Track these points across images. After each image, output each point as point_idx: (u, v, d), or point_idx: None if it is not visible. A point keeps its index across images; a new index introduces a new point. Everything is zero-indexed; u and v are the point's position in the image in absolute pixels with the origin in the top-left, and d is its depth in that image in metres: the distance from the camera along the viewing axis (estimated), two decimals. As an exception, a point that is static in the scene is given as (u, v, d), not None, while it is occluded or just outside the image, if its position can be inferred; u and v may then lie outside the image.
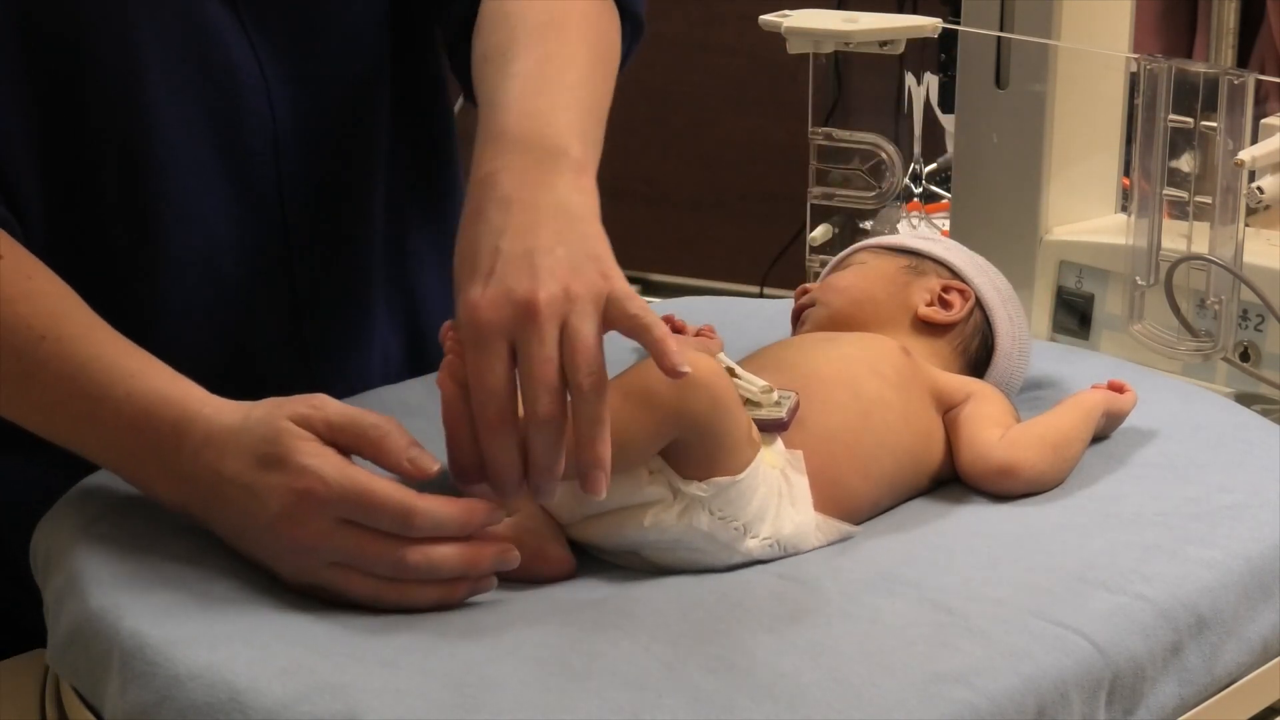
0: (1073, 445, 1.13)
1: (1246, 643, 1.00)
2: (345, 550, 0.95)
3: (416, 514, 0.95)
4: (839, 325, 1.22)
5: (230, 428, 0.99)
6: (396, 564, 0.95)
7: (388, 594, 0.96)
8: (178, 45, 1.16)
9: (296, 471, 0.96)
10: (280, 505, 0.96)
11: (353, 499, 0.95)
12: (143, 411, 1.02)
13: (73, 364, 1.03)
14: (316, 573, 0.97)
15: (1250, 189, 1.35)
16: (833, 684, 0.88)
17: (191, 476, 1.00)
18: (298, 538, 0.96)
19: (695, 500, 0.99)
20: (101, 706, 0.96)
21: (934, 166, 2.04)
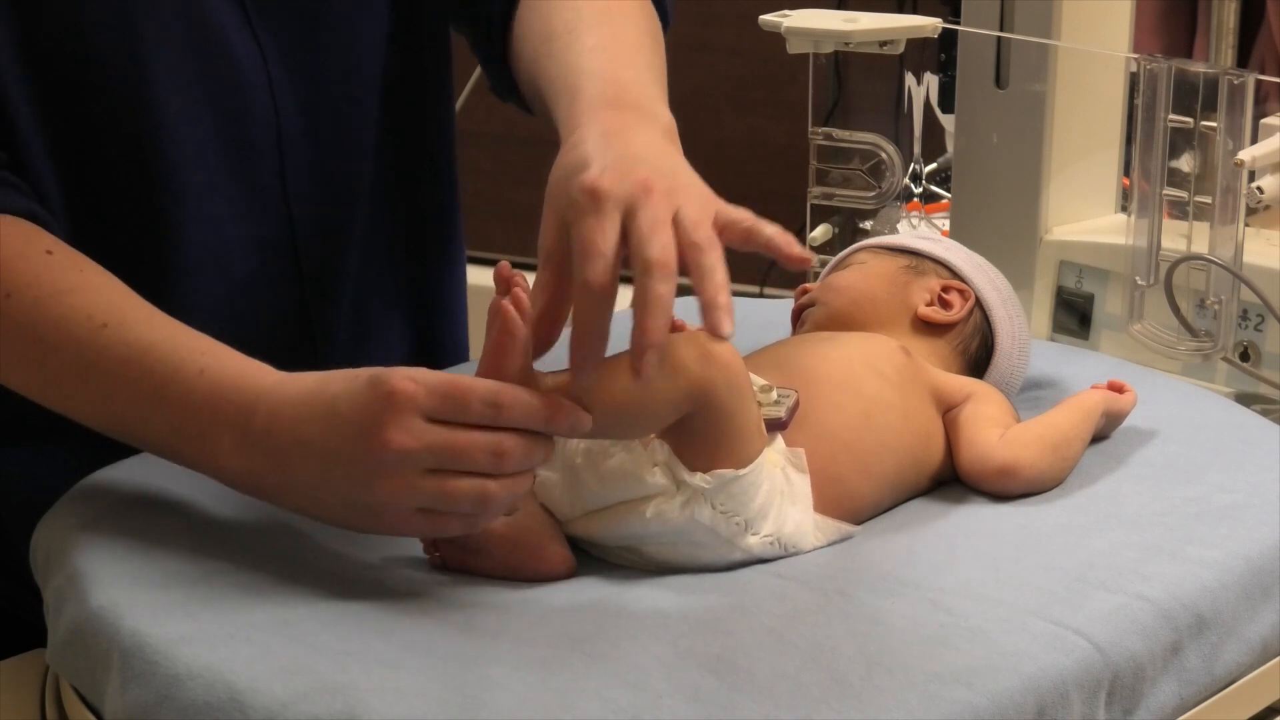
0: (1072, 445, 1.13)
1: (1246, 643, 1.00)
2: (440, 449, 0.93)
3: (506, 396, 0.94)
4: (839, 325, 1.22)
5: (309, 388, 0.98)
6: (494, 450, 0.93)
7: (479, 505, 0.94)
8: (181, 41, 1.17)
9: (382, 386, 0.94)
10: (367, 416, 0.94)
11: (443, 389, 0.94)
12: (217, 385, 1.01)
13: (138, 347, 1.03)
14: (403, 519, 0.95)
15: (1250, 189, 1.35)
16: (833, 684, 0.88)
17: (265, 441, 0.98)
18: (385, 458, 0.94)
19: (698, 492, 0.99)
20: (101, 706, 0.96)
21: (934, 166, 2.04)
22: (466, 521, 0.96)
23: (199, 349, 1.03)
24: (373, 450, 0.94)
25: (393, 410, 0.94)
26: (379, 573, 1.01)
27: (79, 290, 1.06)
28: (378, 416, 0.94)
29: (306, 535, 1.05)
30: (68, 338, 1.04)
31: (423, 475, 0.94)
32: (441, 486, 0.94)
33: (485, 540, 1.01)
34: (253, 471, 1.00)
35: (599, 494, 1.01)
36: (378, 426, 0.94)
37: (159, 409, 1.02)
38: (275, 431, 0.98)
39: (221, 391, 1.01)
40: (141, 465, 1.13)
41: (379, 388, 0.95)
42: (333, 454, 0.96)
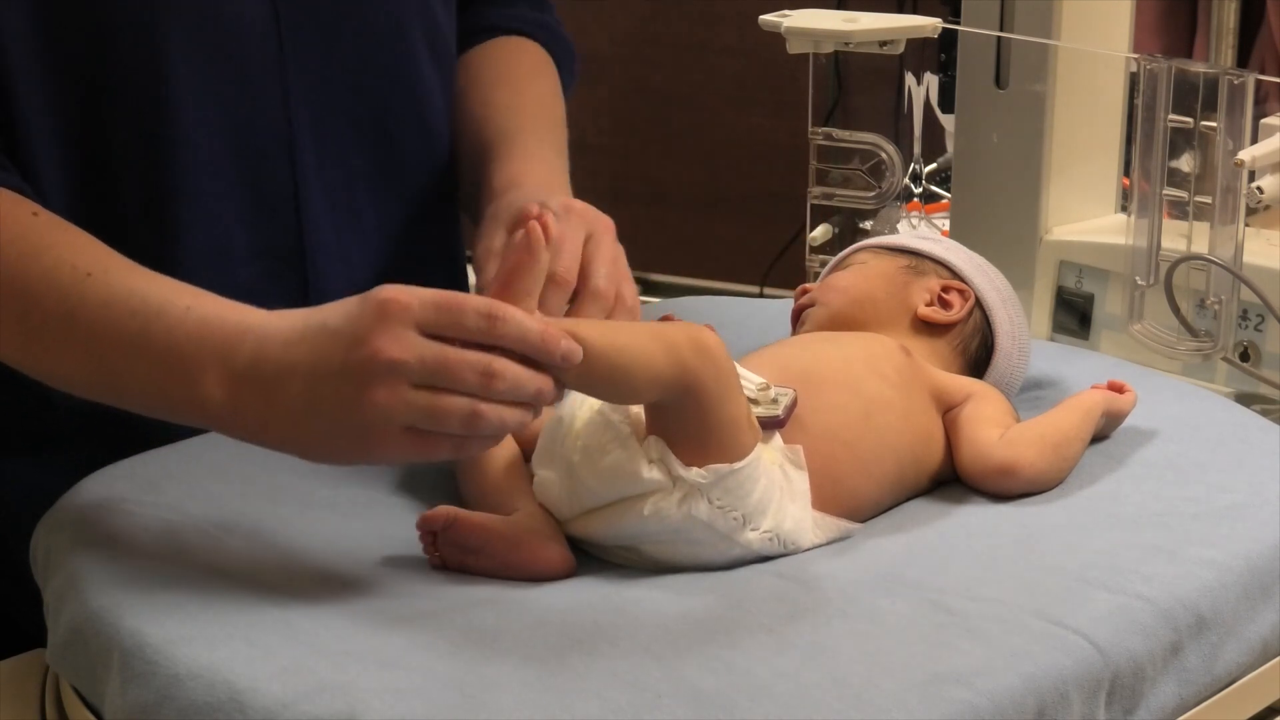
0: (1072, 445, 1.13)
1: (1246, 643, 1.00)
2: (431, 362, 0.92)
3: (500, 309, 0.94)
4: (839, 325, 1.22)
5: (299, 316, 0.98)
6: (485, 370, 0.93)
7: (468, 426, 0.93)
8: (203, 45, 1.17)
9: (375, 297, 0.94)
10: (359, 326, 0.93)
11: (437, 300, 0.94)
12: (203, 320, 1.00)
13: (123, 290, 1.02)
14: (390, 438, 0.94)
15: (1250, 189, 1.35)
16: (833, 684, 0.88)
17: (252, 371, 0.97)
18: (375, 368, 0.92)
19: (694, 488, 0.99)
20: (101, 706, 0.96)
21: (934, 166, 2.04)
22: (454, 445, 0.94)
23: (185, 291, 1.02)
24: (363, 360, 0.93)
25: (385, 320, 0.93)
26: (379, 573, 1.01)
27: (63, 245, 1.05)
28: (369, 326, 0.93)
29: (307, 536, 1.05)
30: (51, 288, 1.03)
31: (413, 389, 0.93)
32: (431, 401, 0.93)
33: (485, 540, 1.01)
34: (238, 405, 0.98)
35: (597, 492, 1.01)
36: (369, 335, 0.93)
37: (143, 348, 1.00)
38: (262, 360, 0.97)
39: (208, 326, 0.99)
40: (142, 465, 1.13)
41: (371, 299, 0.94)
42: (321, 373, 0.95)
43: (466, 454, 0.96)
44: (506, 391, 0.93)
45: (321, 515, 1.08)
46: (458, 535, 1.01)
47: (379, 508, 1.10)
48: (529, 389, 0.94)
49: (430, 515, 1.01)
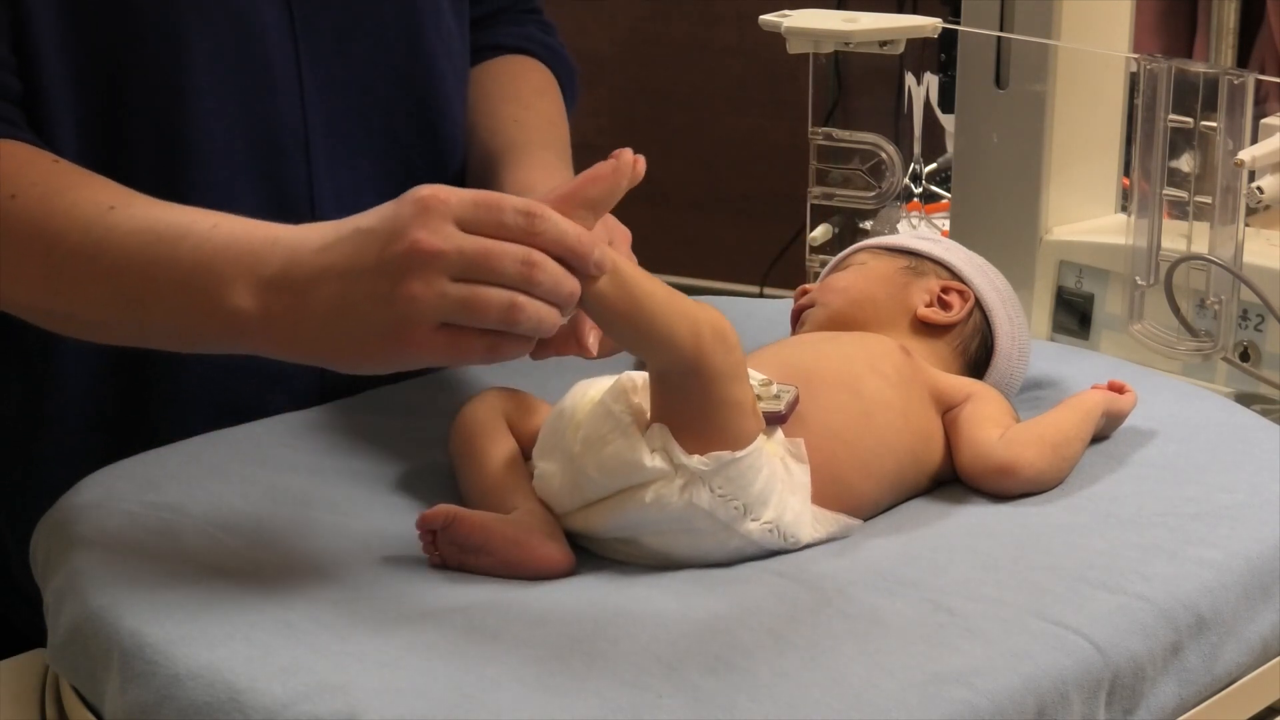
0: (1072, 445, 1.13)
1: (1246, 643, 1.00)
2: (471, 253, 0.91)
3: (539, 208, 0.93)
4: (838, 326, 1.22)
5: (333, 224, 0.97)
6: (526, 260, 0.92)
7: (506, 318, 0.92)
8: (222, 34, 1.18)
9: (412, 195, 0.94)
10: (397, 223, 0.92)
11: (475, 198, 0.93)
12: (231, 235, 0.99)
13: (149, 217, 1.02)
14: (425, 335, 0.93)
15: (1250, 189, 1.35)
16: (833, 684, 0.88)
17: (283, 277, 0.96)
18: (413, 260, 0.91)
19: (696, 476, 0.99)
20: (101, 706, 0.96)
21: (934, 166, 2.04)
22: (488, 344, 0.93)
23: (210, 214, 1.02)
24: (401, 253, 0.92)
25: (424, 214, 0.92)
26: (379, 573, 1.01)
27: (84, 185, 1.05)
28: (408, 221, 0.92)
29: (307, 536, 1.05)
30: (74, 223, 1.02)
31: (451, 282, 0.92)
32: (470, 292, 0.92)
33: (485, 538, 1.01)
34: (268, 313, 0.97)
35: (599, 482, 1.01)
36: (407, 229, 0.92)
37: (170, 268, 0.99)
38: (294, 266, 0.96)
39: (235, 240, 0.99)
40: (141, 465, 1.13)
41: (408, 197, 0.93)
42: (357, 270, 0.94)
43: (498, 357, 0.94)
44: (546, 284, 0.92)
45: (321, 515, 1.08)
46: (457, 534, 1.01)
47: (379, 507, 1.10)
48: (565, 288, 0.93)
49: (430, 514, 1.01)
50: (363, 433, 1.20)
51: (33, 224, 1.03)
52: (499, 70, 1.40)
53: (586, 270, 0.94)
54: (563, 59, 1.45)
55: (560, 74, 1.44)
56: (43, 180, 1.05)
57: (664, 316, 0.97)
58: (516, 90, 1.38)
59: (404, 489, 1.13)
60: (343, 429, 1.20)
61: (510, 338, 0.93)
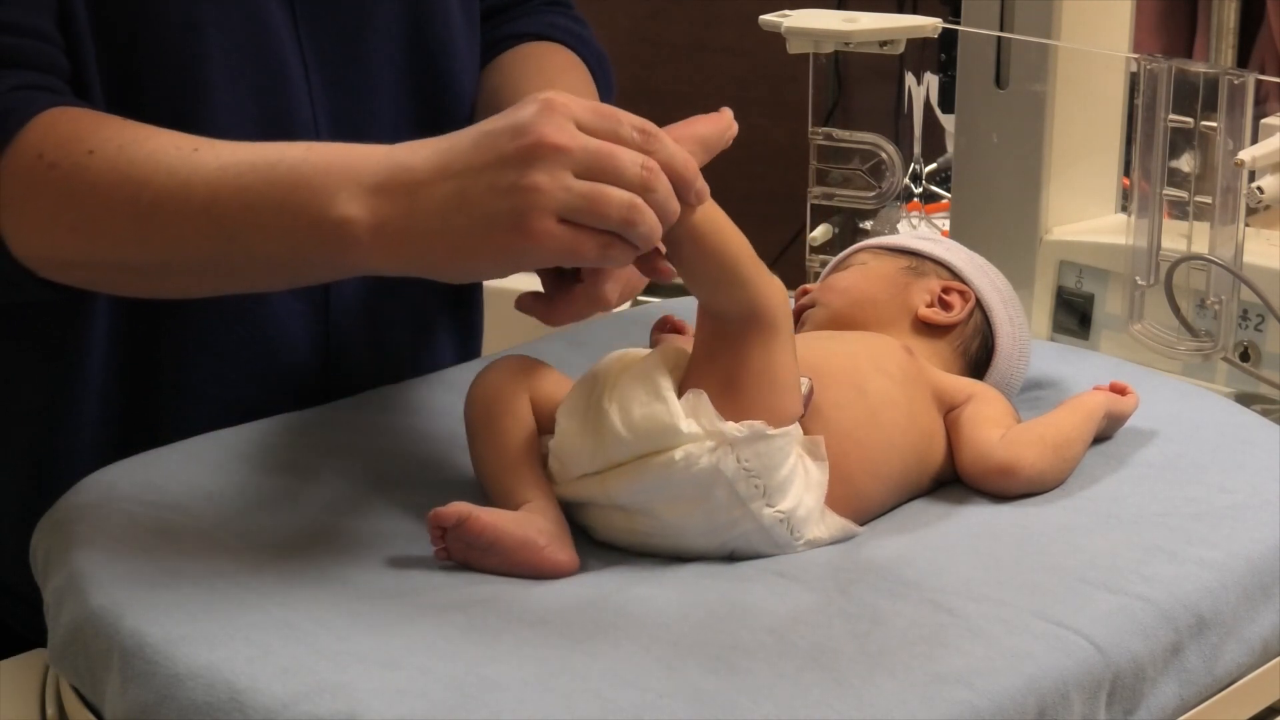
0: (1073, 446, 1.13)
1: (1246, 643, 1.00)
2: (594, 151, 0.93)
3: (653, 128, 0.96)
4: (839, 325, 1.22)
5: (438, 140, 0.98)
6: (646, 164, 0.94)
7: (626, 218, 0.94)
8: (236, 30, 1.18)
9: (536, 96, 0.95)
10: (524, 118, 0.94)
11: (595, 106, 0.95)
12: (326, 155, 0.99)
13: (237, 153, 1.01)
14: (544, 226, 0.93)
15: (1250, 189, 1.35)
16: (833, 684, 0.88)
17: (393, 180, 0.96)
18: (540, 153, 0.93)
19: (727, 442, 0.99)
20: (101, 706, 0.96)
21: (934, 166, 2.04)
22: (602, 245, 0.94)
23: (299, 144, 1.02)
24: (528, 146, 0.93)
25: (549, 112, 0.94)
26: (379, 573, 1.01)
27: (162, 134, 1.05)
28: (534, 117, 0.94)
29: (307, 535, 1.05)
30: (159, 167, 1.02)
31: (574, 178, 0.94)
32: (593, 188, 0.93)
33: (494, 539, 1.00)
34: (376, 217, 0.96)
35: (629, 443, 1.01)
36: (534, 124, 0.94)
37: (265, 192, 0.99)
38: (403, 169, 0.96)
39: (332, 158, 0.99)
40: (142, 465, 1.13)
41: (533, 99, 0.95)
42: (478, 166, 0.94)
43: (609, 259, 0.95)
44: (661, 193, 0.95)
45: (322, 515, 1.08)
46: (468, 533, 1.00)
47: (379, 508, 1.10)
48: (672, 204, 0.96)
49: (443, 512, 1.01)
50: (363, 433, 1.20)
51: (116, 174, 1.02)
52: (522, 54, 1.38)
53: (688, 197, 0.97)
54: (592, 47, 1.43)
55: (590, 62, 1.42)
56: (117, 134, 1.05)
57: (747, 260, 1.01)
58: (540, 67, 1.36)
59: (404, 489, 1.13)
60: (343, 429, 1.20)
61: (621, 243, 0.95)
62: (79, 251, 1.05)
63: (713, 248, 1.00)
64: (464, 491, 1.10)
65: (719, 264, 1.01)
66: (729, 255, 1.00)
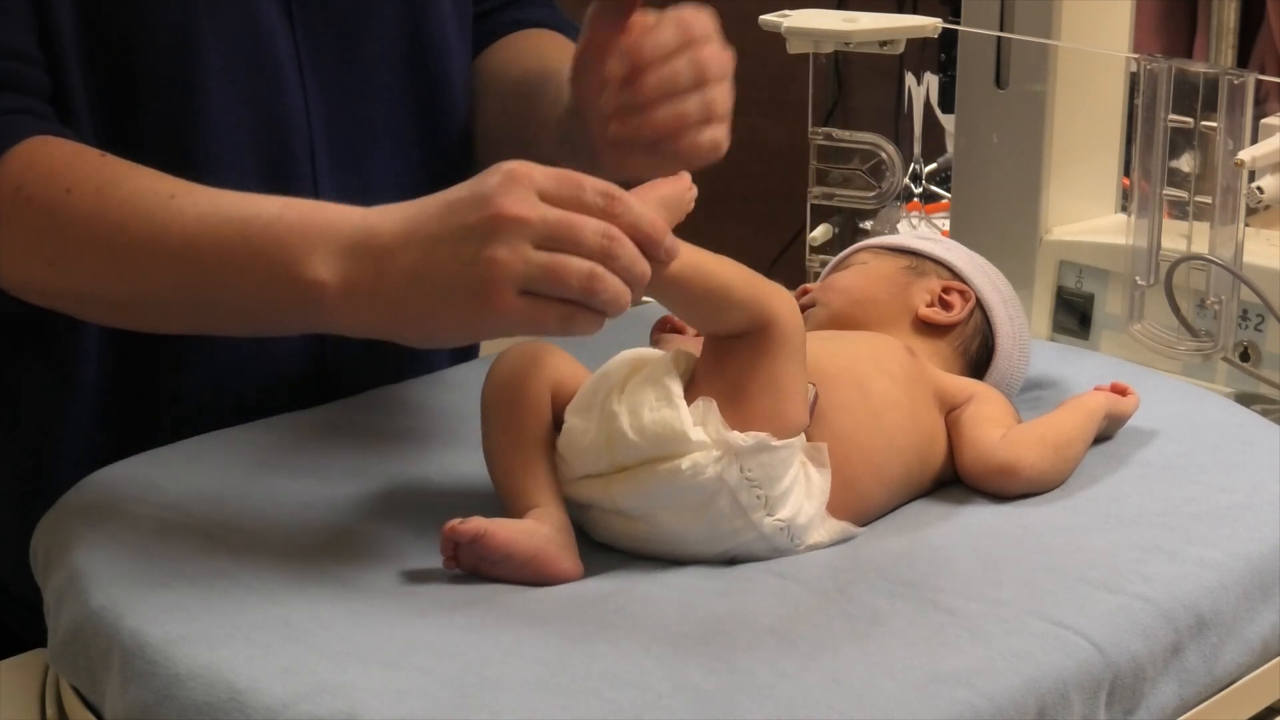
0: (1074, 446, 1.13)
1: (1246, 643, 1.00)
2: (554, 222, 0.93)
3: (617, 192, 0.96)
4: (840, 325, 1.22)
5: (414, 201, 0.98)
6: (607, 233, 0.94)
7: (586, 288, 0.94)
8: (230, 34, 1.18)
9: (498, 167, 0.95)
10: (484, 189, 0.94)
11: (558, 173, 0.95)
12: (301, 215, 1.00)
13: (214, 203, 1.03)
14: (505, 299, 0.94)
15: (1250, 189, 1.35)
16: (833, 684, 0.88)
17: (363, 245, 0.97)
18: (499, 225, 0.93)
19: (733, 451, 0.99)
20: (101, 706, 0.96)
21: (934, 166, 2.04)
22: (564, 315, 0.95)
23: (276, 198, 1.03)
24: (487, 219, 0.94)
25: (510, 183, 0.94)
26: (379, 572, 1.01)
27: (141, 175, 1.06)
28: (494, 189, 0.94)
29: (307, 535, 1.05)
30: (136, 211, 1.03)
31: (534, 249, 0.94)
32: (553, 259, 0.94)
33: (507, 554, 1.00)
34: (346, 281, 0.97)
35: (638, 447, 1.00)
36: (494, 197, 0.94)
37: (242, 248, 1.00)
38: (374, 235, 0.97)
39: (308, 217, 1.00)
40: (142, 465, 1.13)
41: (494, 169, 0.96)
42: (441, 236, 0.95)
43: (572, 329, 0.96)
44: (624, 259, 0.95)
45: (322, 515, 1.08)
46: (482, 549, 1.00)
47: (379, 508, 1.10)
48: (639, 267, 0.95)
49: (460, 528, 0.99)
50: (363, 433, 1.20)
51: (95, 215, 1.04)
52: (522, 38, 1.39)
53: (658, 256, 0.96)
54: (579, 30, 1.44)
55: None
56: (96, 173, 1.06)
57: (739, 285, 1.01)
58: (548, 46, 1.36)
59: (404, 489, 1.13)
60: (343, 429, 1.20)
61: (585, 311, 0.95)
62: (56, 283, 1.07)
63: (699, 288, 1.00)
64: (464, 491, 1.10)
65: (709, 300, 1.01)
66: (718, 288, 1.01)
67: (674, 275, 0.98)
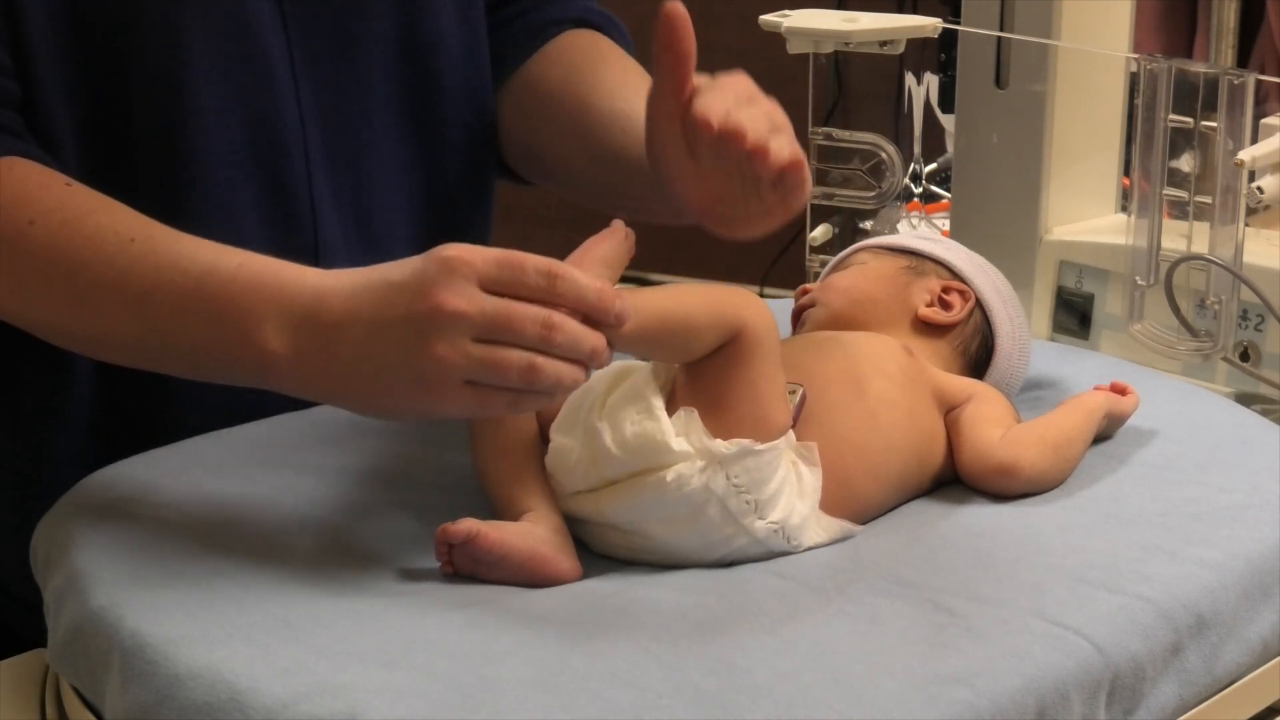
0: (1073, 446, 1.13)
1: (1246, 643, 1.00)
2: (492, 315, 0.94)
3: (559, 269, 0.96)
4: (839, 325, 1.22)
5: (361, 272, 0.99)
6: (545, 323, 0.94)
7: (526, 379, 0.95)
8: (219, 31, 1.18)
9: (439, 254, 0.96)
10: (423, 280, 0.95)
11: (499, 258, 0.95)
12: (257, 275, 1.01)
13: (172, 253, 1.03)
14: (449, 391, 0.95)
15: (1250, 189, 1.35)
16: (833, 684, 0.88)
17: (312, 318, 0.98)
18: (438, 320, 0.94)
19: (717, 460, 0.99)
20: (101, 706, 0.96)
21: (934, 166, 2.04)
22: (510, 400, 0.96)
23: (234, 251, 1.03)
24: (426, 312, 0.95)
25: (449, 274, 0.95)
26: (379, 573, 1.01)
27: (103, 211, 1.06)
28: (433, 280, 0.95)
29: (307, 536, 1.05)
30: (97, 253, 1.04)
31: (473, 343, 0.94)
32: (490, 355, 0.94)
33: (504, 555, 1.00)
34: (297, 353, 0.99)
35: (621, 461, 1.01)
36: (433, 288, 0.95)
37: (196, 305, 1.01)
38: (323, 309, 0.98)
39: (263, 280, 1.01)
40: (142, 465, 1.13)
41: (435, 255, 0.96)
42: (383, 321, 0.96)
43: (522, 410, 0.97)
44: (565, 345, 0.95)
45: (322, 515, 1.08)
46: (476, 550, 1.00)
47: (379, 507, 1.10)
48: (585, 346, 0.96)
49: (451, 529, 1.00)
50: (363, 432, 1.20)
51: (55, 250, 1.05)
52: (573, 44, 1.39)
53: (608, 322, 0.97)
54: (618, 26, 1.45)
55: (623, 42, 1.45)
56: (59, 206, 1.06)
57: (699, 310, 1.01)
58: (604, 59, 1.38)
59: (404, 489, 1.13)
60: (343, 429, 1.20)
61: (531, 394, 0.96)
62: (15, 310, 1.08)
63: (662, 333, 1.01)
64: (463, 491, 1.10)
65: (675, 338, 1.01)
66: (680, 325, 1.01)
67: (633, 332, 0.98)
